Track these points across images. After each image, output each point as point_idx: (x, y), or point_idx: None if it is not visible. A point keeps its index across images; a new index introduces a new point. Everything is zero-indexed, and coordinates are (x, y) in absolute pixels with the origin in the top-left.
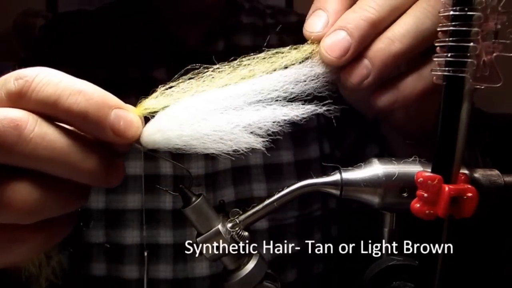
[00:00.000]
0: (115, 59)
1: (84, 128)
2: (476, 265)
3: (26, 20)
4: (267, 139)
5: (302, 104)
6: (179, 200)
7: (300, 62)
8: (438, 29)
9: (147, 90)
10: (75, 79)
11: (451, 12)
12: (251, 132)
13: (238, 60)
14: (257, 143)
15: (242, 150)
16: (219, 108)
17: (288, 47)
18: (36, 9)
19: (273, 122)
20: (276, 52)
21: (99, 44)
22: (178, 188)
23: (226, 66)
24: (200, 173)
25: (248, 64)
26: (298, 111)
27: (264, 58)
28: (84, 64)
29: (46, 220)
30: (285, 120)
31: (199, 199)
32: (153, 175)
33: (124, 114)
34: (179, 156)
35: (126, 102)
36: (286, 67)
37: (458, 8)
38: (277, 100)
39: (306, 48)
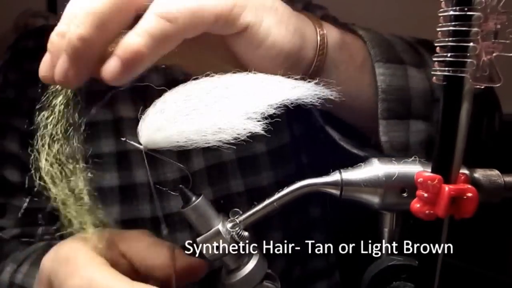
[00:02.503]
0: None
1: None
2: (476, 265)
3: (26, 20)
4: (264, 122)
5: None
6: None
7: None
8: (438, 29)
9: (114, 99)
10: None
11: (451, 12)
12: (248, 118)
13: None
14: (256, 127)
15: (243, 137)
16: (212, 96)
17: None
18: (36, 9)
19: (268, 105)
20: None
21: None
22: (178, 188)
23: None
24: (176, 176)
25: None
26: (293, 92)
27: None
28: None
29: None
30: (279, 102)
31: (199, 199)
32: (129, 185)
33: None
34: (153, 161)
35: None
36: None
37: (458, 8)
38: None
39: None
